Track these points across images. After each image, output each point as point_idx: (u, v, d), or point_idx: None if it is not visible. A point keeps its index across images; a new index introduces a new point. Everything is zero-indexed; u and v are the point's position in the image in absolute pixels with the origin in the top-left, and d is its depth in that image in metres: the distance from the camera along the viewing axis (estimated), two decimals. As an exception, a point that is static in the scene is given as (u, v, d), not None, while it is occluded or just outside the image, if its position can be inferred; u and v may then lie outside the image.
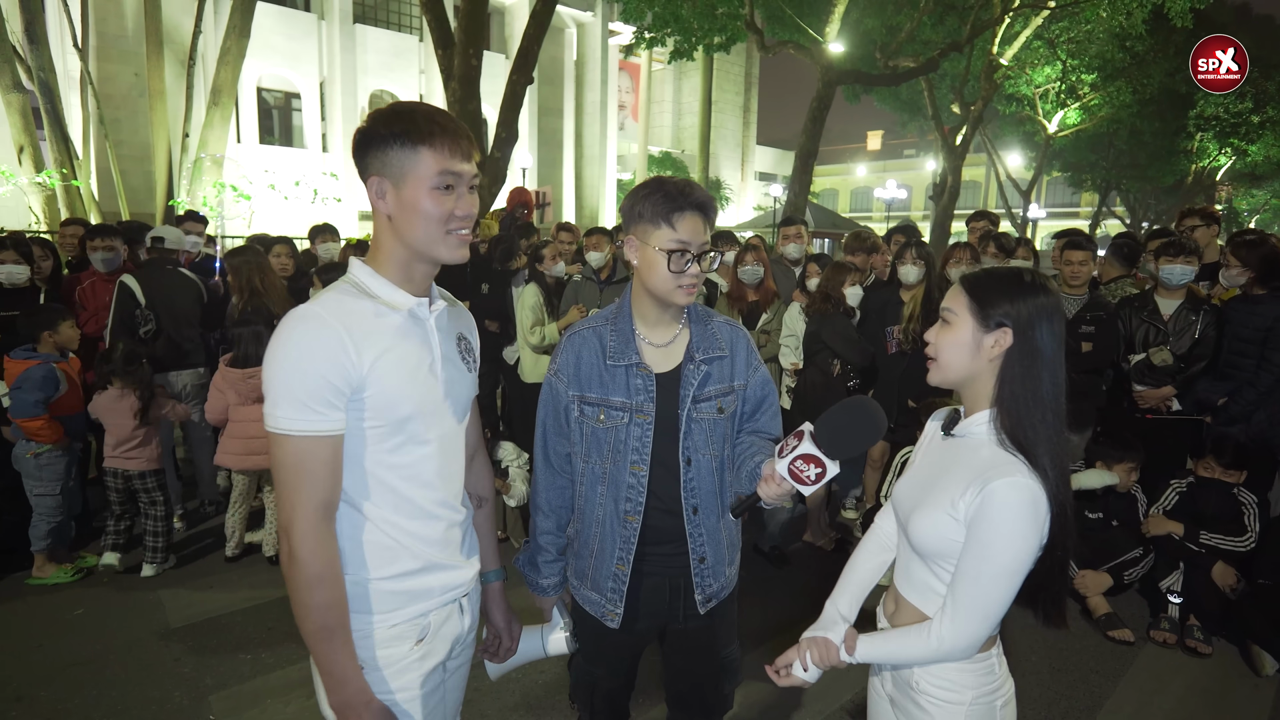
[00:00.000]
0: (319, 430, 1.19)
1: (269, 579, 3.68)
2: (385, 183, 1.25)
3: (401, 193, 1.24)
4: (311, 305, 1.22)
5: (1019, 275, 1.37)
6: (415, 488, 1.32)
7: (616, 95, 26.54)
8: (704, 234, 1.58)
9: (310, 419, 1.18)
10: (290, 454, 1.19)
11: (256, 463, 3.75)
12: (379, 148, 1.24)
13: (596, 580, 1.70)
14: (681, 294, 1.59)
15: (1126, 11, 14.83)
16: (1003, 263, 4.49)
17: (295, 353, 1.19)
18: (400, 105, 1.27)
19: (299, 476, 1.19)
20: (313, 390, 1.18)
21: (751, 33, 14.10)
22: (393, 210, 1.26)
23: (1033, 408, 1.31)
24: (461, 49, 9.32)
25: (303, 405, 1.18)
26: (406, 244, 1.28)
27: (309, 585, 1.20)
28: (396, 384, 1.25)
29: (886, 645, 1.42)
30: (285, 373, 1.18)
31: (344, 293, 1.27)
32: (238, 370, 3.72)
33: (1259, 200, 28.43)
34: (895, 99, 21.83)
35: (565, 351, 1.69)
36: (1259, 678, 3.01)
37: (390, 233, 1.28)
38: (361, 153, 1.27)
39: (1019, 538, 1.26)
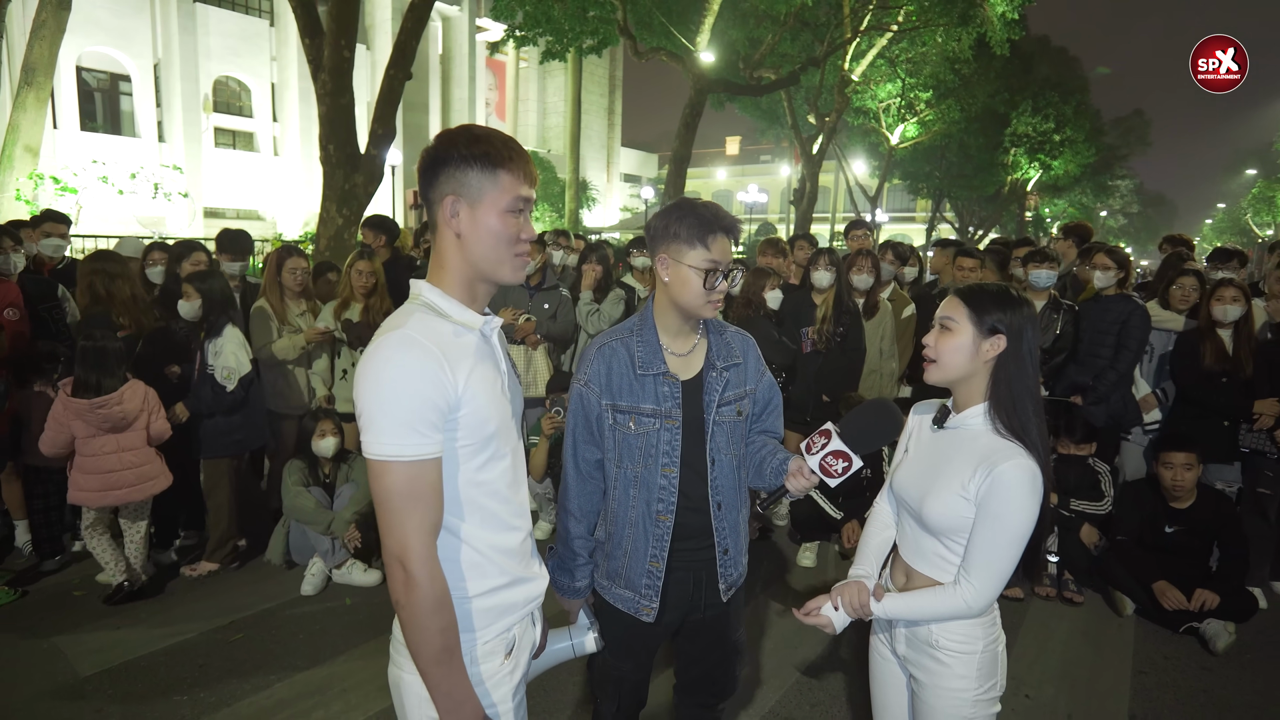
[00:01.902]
0: (428, 454, 1.20)
1: (186, 613, 3.40)
2: (461, 202, 1.27)
3: (476, 213, 1.27)
4: (405, 330, 1.21)
5: (1008, 290, 1.62)
6: (497, 502, 1.34)
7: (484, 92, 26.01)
8: (731, 254, 1.71)
9: (419, 443, 1.18)
10: (402, 480, 1.18)
11: (119, 497, 3.35)
12: (456, 168, 1.26)
13: (630, 578, 1.79)
14: (710, 308, 1.71)
15: (957, 38, 16.52)
16: (899, 269, 4.96)
17: (399, 378, 1.18)
18: (476, 129, 1.30)
19: (412, 502, 1.18)
20: (419, 414, 1.18)
21: (624, 37, 14.35)
22: (464, 229, 1.28)
23: (1025, 401, 1.56)
24: (332, 39, 8.85)
25: (411, 430, 1.17)
26: (473, 263, 1.30)
27: (432, 610, 1.20)
28: (484, 402, 1.27)
29: (912, 602, 1.62)
30: (390, 399, 1.17)
31: (424, 315, 1.27)
32: (83, 400, 3.25)
33: (1060, 208, 32.48)
34: (756, 108, 22.96)
35: (595, 363, 1.76)
36: (1121, 617, 3.57)
37: (458, 252, 1.30)
38: (434, 172, 1.28)
39: (1026, 509, 1.50)
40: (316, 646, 3.15)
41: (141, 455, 3.42)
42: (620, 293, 4.80)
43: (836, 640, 3.27)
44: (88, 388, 3.28)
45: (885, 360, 4.56)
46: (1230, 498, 3.79)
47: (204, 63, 19.19)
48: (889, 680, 1.82)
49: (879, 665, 1.85)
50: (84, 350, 3.31)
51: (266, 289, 4.01)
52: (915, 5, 15.74)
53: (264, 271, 4.13)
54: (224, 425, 3.70)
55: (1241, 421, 3.77)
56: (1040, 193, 29.54)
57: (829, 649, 3.22)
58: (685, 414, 1.76)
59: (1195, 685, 3.05)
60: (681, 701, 2.07)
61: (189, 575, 3.73)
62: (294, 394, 4.09)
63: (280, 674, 2.95)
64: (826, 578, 3.98)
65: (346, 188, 9.11)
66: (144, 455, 3.43)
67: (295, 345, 3.98)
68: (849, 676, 3.02)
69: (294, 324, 4.04)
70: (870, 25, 16.92)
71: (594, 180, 33.26)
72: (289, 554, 3.83)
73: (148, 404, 3.44)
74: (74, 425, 3.29)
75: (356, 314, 4.16)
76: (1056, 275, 4.29)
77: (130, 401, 3.35)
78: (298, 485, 3.74)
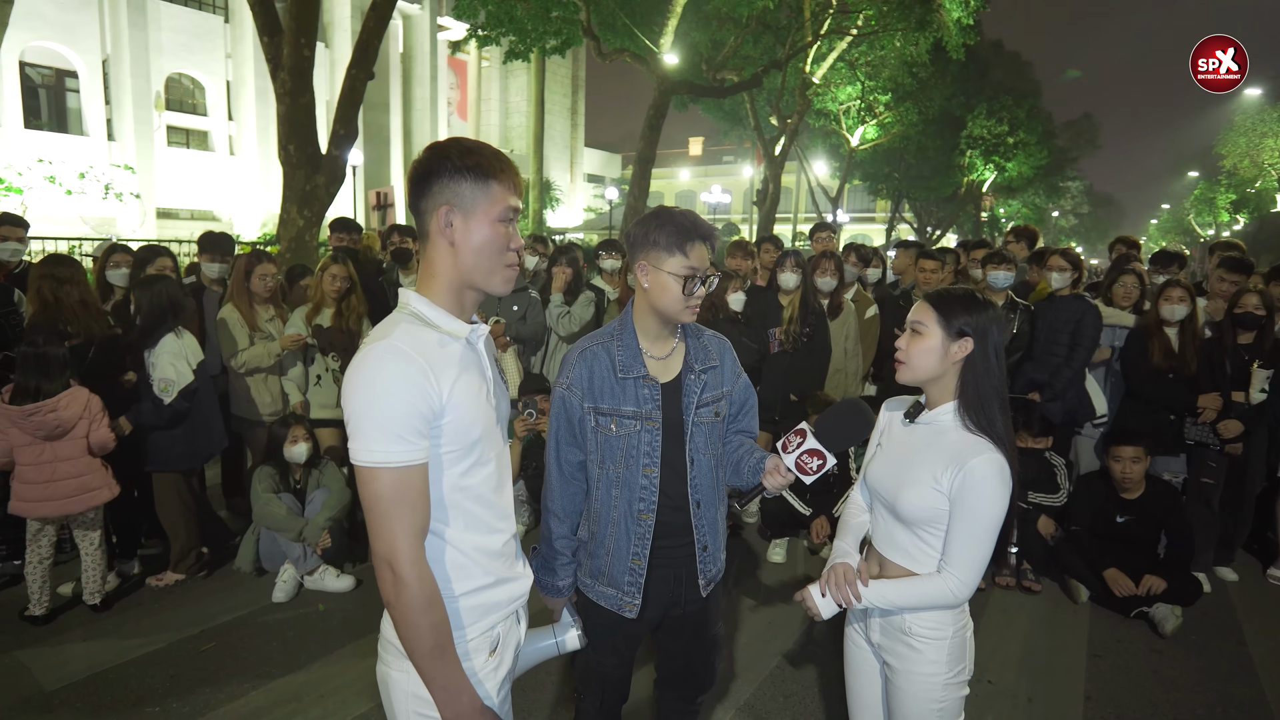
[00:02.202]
0: (414, 460, 1.23)
1: (154, 623, 3.35)
2: (455, 213, 1.30)
3: (470, 223, 1.30)
4: (391, 340, 1.24)
5: (973, 294, 1.71)
6: (481, 506, 1.38)
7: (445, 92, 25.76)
8: (708, 260, 1.77)
9: (405, 449, 1.22)
10: (388, 485, 1.22)
11: (60, 508, 3.23)
12: (450, 179, 1.29)
13: (613, 576, 1.84)
14: (688, 313, 1.77)
15: (914, 42, 16.90)
16: (862, 271, 5.09)
17: (385, 386, 1.21)
18: (467, 142, 1.34)
19: (399, 506, 1.22)
20: (405, 421, 1.22)
21: (588, 38, 14.36)
22: (458, 239, 1.31)
23: (992, 399, 1.65)
24: (292, 38, 8.70)
25: (397, 437, 1.21)
26: (464, 272, 1.33)
27: (423, 608, 1.24)
28: (468, 410, 1.30)
29: (901, 589, 1.68)
30: (377, 406, 1.21)
31: (410, 324, 1.30)
32: (16, 407, 3.15)
33: (1014, 209, 33.37)
34: (719, 109, 23.15)
35: (577, 367, 1.81)
36: (1076, 604, 3.73)
37: (450, 260, 1.33)
38: (426, 183, 1.31)
39: (998, 500, 1.59)
40: (291, 653, 3.13)
41: (82, 465, 3.28)
42: (590, 295, 4.84)
43: (808, 633, 3.36)
44: (26, 394, 3.19)
45: (850, 359, 4.68)
46: (1176, 488, 3.98)
47: (155, 59, 18.68)
48: (863, 668, 1.90)
49: (853, 654, 1.93)
50: (24, 355, 3.21)
51: (234, 295, 3.94)
52: (874, 10, 16.07)
53: (231, 277, 4.05)
54: (166, 439, 3.58)
55: (1186, 415, 3.96)
56: (995, 194, 30.33)
57: (800, 642, 3.31)
58: (665, 416, 1.81)
59: (1145, 666, 3.21)
60: (662, 695, 2.12)
61: (155, 586, 3.67)
62: (264, 401, 4.04)
63: (255, 682, 2.93)
64: (796, 573, 4.07)
65: (308, 189, 8.97)
66: (85, 465, 3.29)
67: (270, 353, 3.93)
68: (820, 668, 3.11)
69: (264, 330, 3.99)
70: (830, 29, 17.20)
71: (558, 180, 33.18)
72: (259, 561, 3.79)
73: (89, 412, 3.31)
74: (10, 433, 3.19)
75: (328, 319, 4.13)
76: (1014, 276, 4.45)
77: (68, 409, 3.23)
78: (268, 492, 3.70)
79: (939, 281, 4.70)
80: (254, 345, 3.92)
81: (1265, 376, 3.84)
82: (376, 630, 1.40)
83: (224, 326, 3.89)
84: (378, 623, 1.39)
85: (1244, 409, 3.85)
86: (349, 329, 4.13)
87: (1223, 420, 3.85)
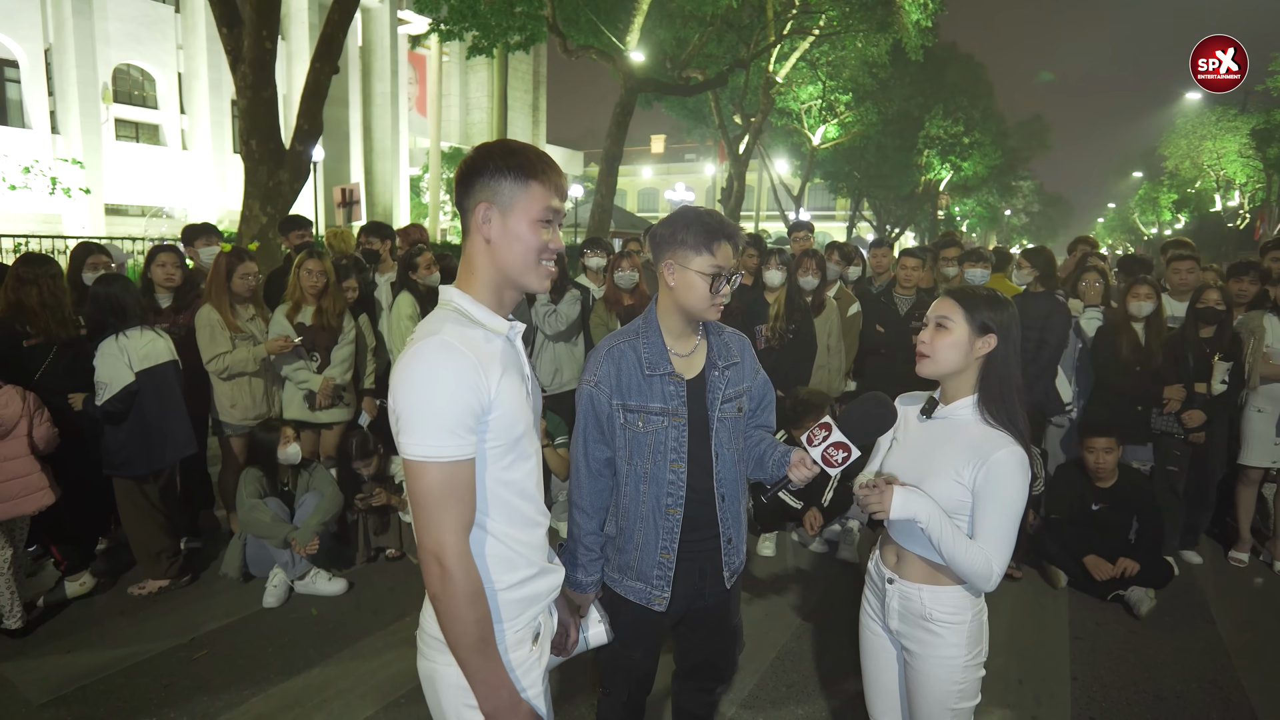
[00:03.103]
0: (464, 455, 1.26)
1: (139, 633, 3.26)
2: (493, 210, 1.33)
3: (507, 220, 1.33)
4: (442, 336, 1.26)
5: (995, 293, 1.78)
6: (523, 500, 1.40)
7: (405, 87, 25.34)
8: (733, 259, 1.80)
9: (456, 444, 1.24)
10: (438, 480, 1.24)
11: (10, 509, 3.12)
12: (491, 177, 1.32)
13: (642, 570, 1.86)
14: (714, 311, 1.80)
15: (875, 43, 17.22)
16: (844, 269, 5.19)
17: (437, 383, 1.23)
18: (513, 143, 1.37)
19: (448, 500, 1.25)
20: (458, 416, 1.24)
21: (553, 34, 14.29)
22: (495, 235, 1.33)
23: (1012, 393, 1.72)
24: (253, 29, 8.49)
25: (450, 432, 1.23)
26: (501, 269, 1.36)
27: (469, 601, 1.26)
28: (512, 405, 1.33)
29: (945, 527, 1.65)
30: (430, 402, 1.23)
31: (456, 321, 1.32)
32: None
33: (969, 207, 34.23)
34: (683, 107, 23.24)
35: (605, 364, 1.83)
36: (1055, 589, 3.87)
37: (487, 257, 1.36)
38: (469, 181, 1.34)
39: (1022, 489, 1.66)
40: (288, 658, 3.08)
41: (27, 464, 3.19)
42: (576, 293, 4.83)
43: (806, 622, 3.43)
44: None
45: (833, 356, 4.77)
46: (1147, 476, 4.16)
47: (102, 49, 17.99)
48: (880, 654, 1.96)
49: (870, 641, 1.99)
50: None
51: (213, 296, 3.80)
52: (836, 11, 16.31)
53: (209, 277, 3.93)
54: (114, 442, 3.47)
55: (1153, 407, 4.14)
56: (951, 192, 31.06)
57: (797, 633, 3.38)
58: (690, 412, 1.84)
59: (1125, 647, 3.35)
60: (682, 688, 2.15)
61: (136, 594, 3.57)
62: (246, 405, 3.92)
63: (253, 688, 2.87)
64: (786, 565, 4.15)
65: (271, 185, 8.77)
66: (29, 464, 3.20)
67: (255, 357, 3.84)
68: (819, 656, 3.18)
69: (246, 331, 3.89)
70: (793, 29, 17.41)
71: (520, 177, 32.83)
72: (246, 566, 3.71)
73: (28, 409, 3.21)
74: None
75: (309, 317, 4.05)
76: (990, 274, 4.60)
77: (7, 408, 3.14)
78: (253, 497, 3.62)
79: (920, 279, 4.82)
80: (237, 349, 3.82)
81: (1225, 368, 4.04)
82: (373, 633, 1.43)
83: (206, 328, 3.76)
84: (372, 626, 1.42)
85: (1206, 400, 4.04)
86: (330, 326, 4.06)
87: (1187, 410, 4.04)
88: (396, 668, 2.99)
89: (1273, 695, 3.01)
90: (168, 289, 3.98)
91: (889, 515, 1.67)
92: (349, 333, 4.15)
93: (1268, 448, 4.10)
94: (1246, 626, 3.57)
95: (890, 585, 1.86)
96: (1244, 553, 4.31)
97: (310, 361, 4.07)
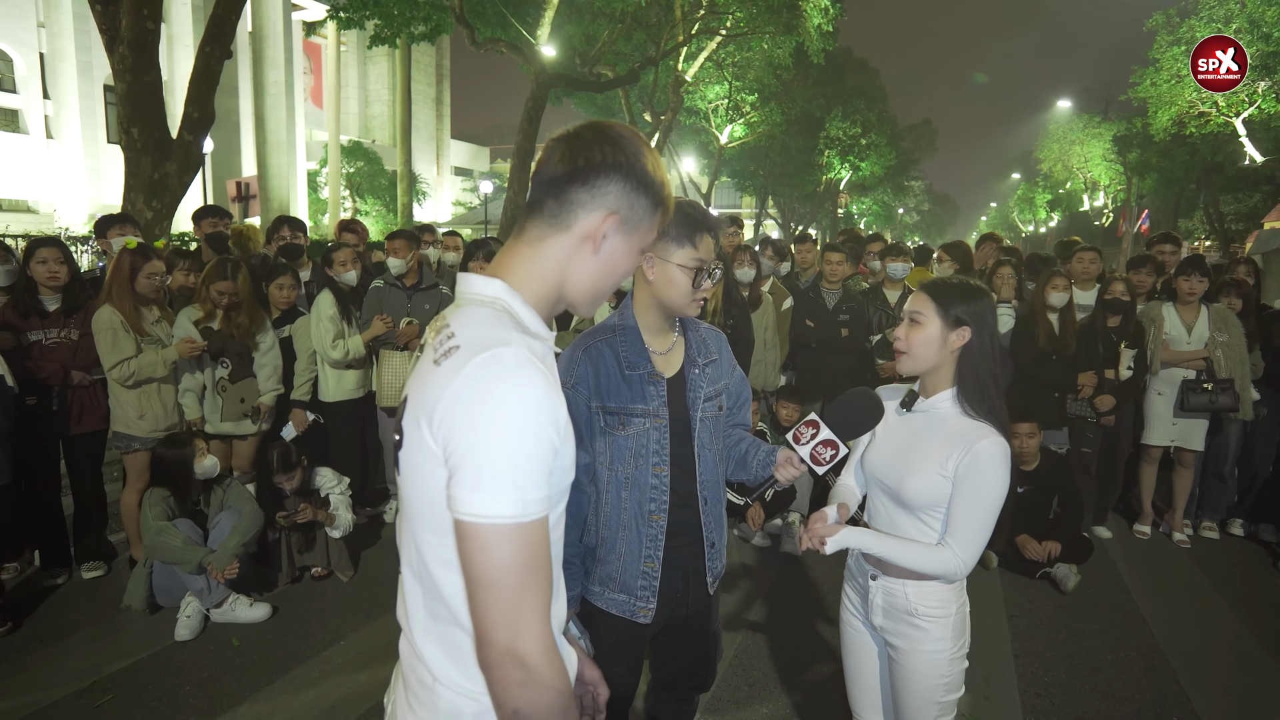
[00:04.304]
0: (546, 512, 0.93)
1: (27, 681, 2.87)
2: (623, 227, 1.08)
3: (630, 242, 1.10)
4: (517, 349, 0.94)
5: (968, 283, 1.77)
6: (557, 564, 1.09)
7: (300, 77, 24.03)
8: (714, 252, 1.73)
9: (541, 499, 0.92)
10: (521, 549, 0.90)
11: None
12: (633, 191, 1.07)
13: (625, 581, 1.76)
14: (694, 306, 1.72)
15: (779, 45, 17.68)
16: (777, 265, 5.23)
17: (522, 412, 0.90)
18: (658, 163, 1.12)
19: (533, 575, 0.91)
20: (543, 460, 0.93)
21: (461, 26, 13.89)
22: (607, 251, 1.08)
23: (990, 385, 1.72)
24: (132, 7, 7.78)
25: (535, 482, 0.91)
26: (586, 287, 1.10)
27: (562, 712, 0.93)
28: (572, 441, 1.07)
29: (898, 545, 1.70)
30: (510, 441, 0.90)
31: (512, 328, 1.00)
32: None
33: (866, 205, 35.75)
34: (593, 104, 23.12)
35: (582, 364, 1.72)
36: (988, 570, 4.03)
37: (578, 266, 1.08)
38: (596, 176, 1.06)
39: (1002, 481, 1.66)
40: (208, 696, 2.79)
41: None
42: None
43: (758, 619, 3.42)
44: None
45: (769, 350, 4.80)
46: (1066, 458, 4.40)
47: (-55, 26, 16.15)
48: (862, 650, 1.94)
49: (852, 638, 1.96)
50: None
51: (115, 296, 3.41)
52: (743, 13, 16.62)
53: (109, 275, 3.51)
54: None
55: (1068, 392, 4.38)
56: (850, 191, 32.34)
57: (753, 632, 3.36)
58: (671, 412, 1.76)
59: (1056, 621, 3.52)
60: (660, 699, 2.07)
61: None
62: (157, 414, 3.54)
63: (172, 734, 2.59)
64: (731, 562, 4.13)
65: (156, 177, 8.08)
66: None
67: (165, 360, 3.47)
68: (776, 654, 3.17)
69: (151, 334, 3.51)
70: (700, 29, 17.62)
71: (424, 173, 31.89)
72: (153, 597, 3.35)
73: None
74: None
75: (217, 321, 3.72)
76: (910, 267, 4.75)
77: None
78: (160, 519, 3.27)
79: (845, 273, 4.92)
80: (144, 353, 3.44)
81: (1131, 355, 4.33)
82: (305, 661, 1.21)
83: (106, 331, 3.36)
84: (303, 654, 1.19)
85: (1115, 385, 4.31)
86: (241, 335, 3.75)
87: (1098, 395, 4.29)
88: (336, 697, 2.76)
89: (1189, 658, 3.23)
90: (53, 289, 3.53)
91: (827, 552, 1.69)
92: (267, 341, 3.86)
93: (1167, 428, 4.42)
94: (1159, 594, 3.83)
95: (874, 581, 1.84)
96: (1146, 526, 4.63)
97: (220, 369, 3.74)
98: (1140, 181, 24.53)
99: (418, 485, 0.97)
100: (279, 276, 4.09)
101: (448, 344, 0.96)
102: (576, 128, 1.07)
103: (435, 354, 0.97)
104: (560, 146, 1.05)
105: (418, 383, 0.99)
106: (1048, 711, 2.84)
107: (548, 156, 1.06)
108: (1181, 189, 24.11)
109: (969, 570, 1.69)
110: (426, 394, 0.94)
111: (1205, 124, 17.11)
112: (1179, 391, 4.32)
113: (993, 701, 2.88)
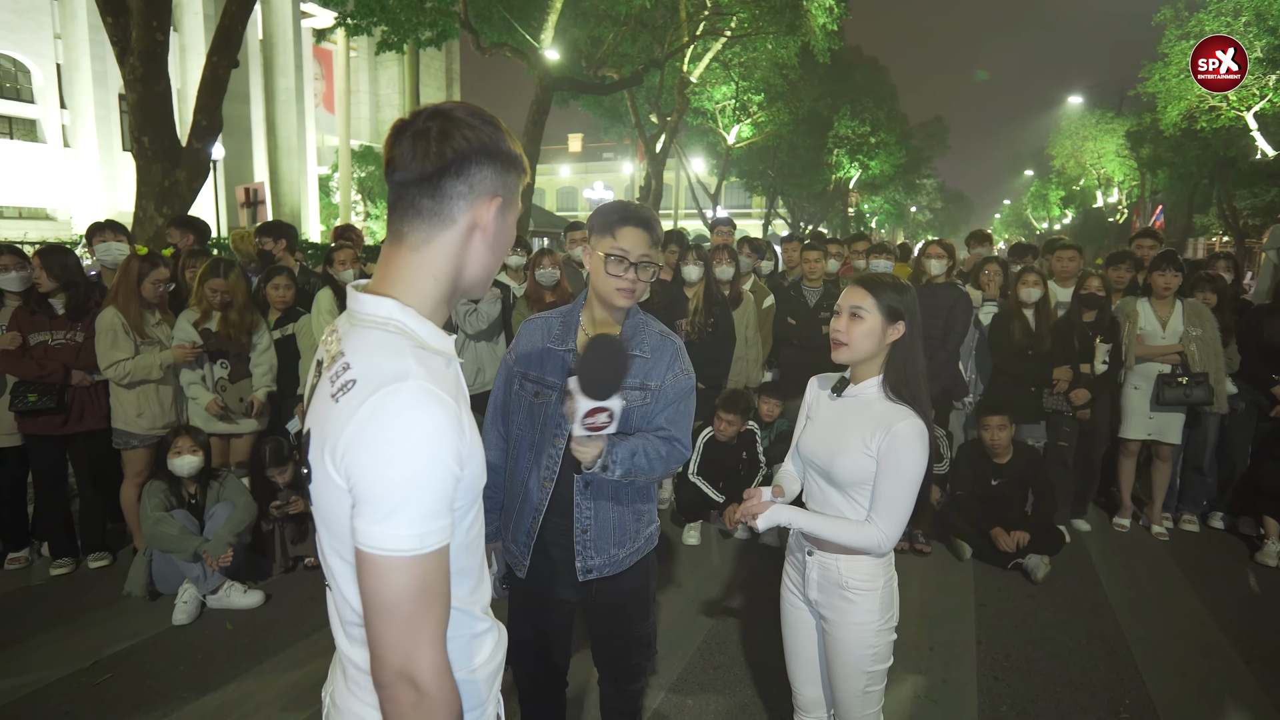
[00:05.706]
0: (446, 540, 0.95)
1: (32, 660, 3.04)
2: (507, 209, 1.09)
3: (506, 217, 1.09)
4: (417, 379, 0.93)
5: (895, 278, 1.90)
6: (474, 557, 1.11)
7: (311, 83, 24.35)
8: (644, 247, 1.81)
9: (441, 529, 0.93)
10: (417, 578, 0.92)
11: None
12: (502, 167, 1.06)
13: (515, 534, 1.95)
14: (619, 296, 1.82)
15: (784, 45, 17.73)
16: (756, 263, 5.34)
17: (423, 448, 0.91)
18: None
19: (429, 602, 0.93)
20: (444, 493, 0.94)
21: (466, 31, 14.08)
22: (493, 235, 1.07)
23: (916, 373, 1.85)
24: (142, 20, 8.02)
25: (434, 515, 0.92)
26: (478, 276, 1.10)
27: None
28: (481, 451, 1.05)
29: (825, 521, 1.86)
30: (413, 478, 0.91)
31: (413, 348, 0.98)
32: None
33: (877, 204, 35.63)
34: (599, 106, 23.26)
35: (522, 333, 1.94)
36: (961, 561, 4.12)
37: (470, 257, 1.07)
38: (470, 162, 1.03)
39: (919, 459, 1.78)
40: (203, 675, 2.95)
41: None
42: (496, 291, 4.80)
43: (731, 606, 3.54)
44: None
45: (750, 347, 4.91)
46: (1039, 451, 4.47)
47: (-33, 38, 16.57)
48: (800, 625, 2.06)
49: (790, 614, 2.08)
50: None
51: (120, 299, 3.59)
52: (748, 14, 16.70)
53: (117, 279, 3.69)
54: None
55: (1044, 387, 4.45)
56: (860, 190, 32.27)
57: (723, 616, 3.47)
58: None
59: (1023, 610, 3.60)
60: (603, 689, 2.19)
61: None
62: (155, 413, 3.71)
63: (165, 707, 2.74)
64: (710, 554, 4.25)
65: (166, 184, 8.30)
66: None
67: (161, 363, 3.64)
68: (743, 637, 3.28)
69: (152, 336, 3.69)
70: (705, 30, 17.72)
71: (435, 176, 32.08)
72: (152, 584, 3.52)
73: None
74: None
75: (215, 323, 3.88)
76: (892, 264, 4.84)
77: None
78: (159, 510, 3.45)
79: (824, 270, 5.02)
80: (141, 354, 3.61)
81: (1106, 350, 4.39)
82: (293, 645, 1.24)
83: (108, 332, 3.54)
84: (292, 637, 1.25)
85: (1090, 379, 4.38)
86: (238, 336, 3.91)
87: (1074, 390, 4.36)
88: (319, 677, 2.90)
89: (1150, 645, 3.31)
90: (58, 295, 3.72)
91: (759, 530, 1.88)
92: (264, 341, 4.03)
93: (1143, 421, 4.48)
94: (1129, 584, 3.90)
95: (810, 557, 1.95)
96: (1125, 519, 4.69)
97: (219, 369, 3.91)
98: (1153, 177, 24.32)
99: (327, 515, 1.00)
100: (274, 277, 4.26)
101: (344, 376, 0.95)
102: (418, 120, 1.01)
103: (332, 387, 0.96)
104: (412, 142, 0.99)
105: (319, 417, 0.98)
106: (1003, 694, 2.93)
107: (401, 154, 1.00)
108: (1195, 184, 23.88)
109: (893, 544, 1.81)
110: (328, 430, 0.95)
111: (1216, 118, 16.99)
112: (1154, 385, 4.38)
113: (949, 684, 2.98)
